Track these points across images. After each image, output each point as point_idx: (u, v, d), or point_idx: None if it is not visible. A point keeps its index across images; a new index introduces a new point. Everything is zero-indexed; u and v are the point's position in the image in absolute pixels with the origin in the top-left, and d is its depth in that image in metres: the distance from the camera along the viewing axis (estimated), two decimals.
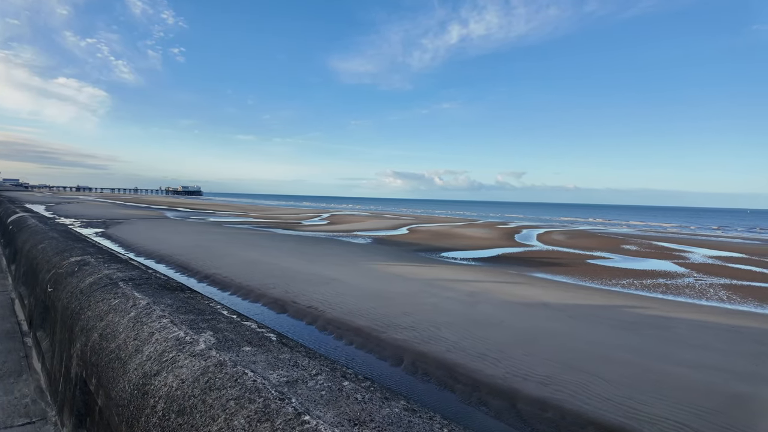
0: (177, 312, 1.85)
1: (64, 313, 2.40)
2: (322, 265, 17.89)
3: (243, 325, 1.76)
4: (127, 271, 2.53)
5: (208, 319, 1.78)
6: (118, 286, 2.24)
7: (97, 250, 3.10)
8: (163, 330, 1.69)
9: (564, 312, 12.07)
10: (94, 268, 2.61)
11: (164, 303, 1.95)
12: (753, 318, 12.61)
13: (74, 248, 3.15)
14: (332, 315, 11.03)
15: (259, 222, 44.98)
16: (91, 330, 2.02)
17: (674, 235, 48.59)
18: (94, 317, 2.07)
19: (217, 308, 1.98)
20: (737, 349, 9.46)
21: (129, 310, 1.95)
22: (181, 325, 1.70)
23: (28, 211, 9.37)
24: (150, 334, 1.70)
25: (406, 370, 7.97)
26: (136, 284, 2.26)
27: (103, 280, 2.38)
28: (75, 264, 2.61)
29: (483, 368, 7.86)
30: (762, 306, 14.54)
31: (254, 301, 12.53)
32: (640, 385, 7.20)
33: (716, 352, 9.15)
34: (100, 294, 2.20)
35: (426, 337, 9.46)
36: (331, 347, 9.09)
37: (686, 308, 13.39)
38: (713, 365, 8.31)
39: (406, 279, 15.90)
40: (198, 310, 1.91)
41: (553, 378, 7.45)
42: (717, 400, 6.78)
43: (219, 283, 14.53)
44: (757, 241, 42.69)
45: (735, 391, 7.12)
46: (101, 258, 2.71)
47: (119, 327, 1.87)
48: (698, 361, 8.52)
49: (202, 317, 1.82)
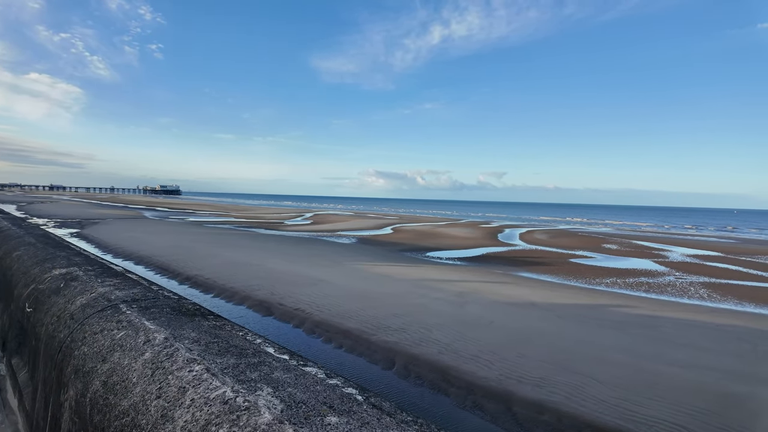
0: (209, 352, 1.43)
1: (50, 344, 1.93)
2: (308, 266, 17.59)
3: (307, 374, 1.33)
4: (127, 288, 2.06)
5: (255, 364, 1.35)
6: (120, 310, 1.77)
7: (85, 260, 2.64)
8: (199, 384, 1.25)
9: (552, 312, 12.07)
10: (84, 284, 2.14)
11: (187, 337, 1.53)
12: (735, 316, 12.82)
13: (57, 257, 2.62)
14: (320, 317, 10.78)
15: (241, 222, 44.25)
16: (90, 375, 1.56)
17: (653, 234, 49.60)
18: (93, 356, 1.62)
19: (257, 343, 1.53)
20: (724, 348, 9.56)
21: (142, 348, 1.50)
22: (224, 376, 1.27)
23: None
24: (181, 390, 1.27)
25: (398, 374, 7.79)
26: (142, 308, 1.78)
27: (99, 302, 1.89)
28: (60, 278, 2.18)
29: (476, 370, 7.73)
30: (741, 304, 14.82)
31: (239, 303, 12.19)
32: (634, 386, 7.17)
33: (704, 351, 9.23)
34: (97, 321, 1.73)
35: (417, 339, 9.30)
36: (320, 351, 8.85)
37: (670, 307, 13.55)
38: (703, 364, 8.36)
39: (394, 279, 15.73)
40: (236, 347, 1.47)
41: (548, 380, 7.36)
42: (710, 400, 6.79)
43: (201, 285, 14.12)
44: (732, 240, 43.88)
45: (727, 391, 7.15)
46: (91, 270, 2.28)
47: (131, 374, 1.43)
48: (688, 360, 8.56)
49: (246, 360, 1.38)
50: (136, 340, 1.56)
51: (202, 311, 1.85)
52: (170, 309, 1.80)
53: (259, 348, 1.48)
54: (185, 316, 1.71)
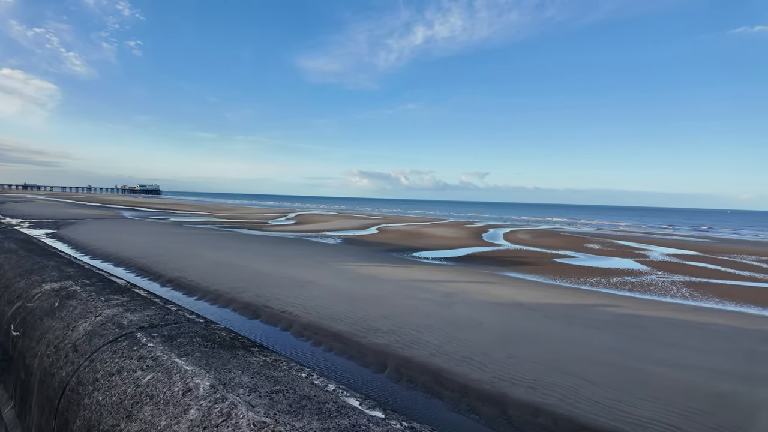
0: (277, 408, 1.03)
1: (47, 383, 1.49)
2: (294, 267, 17.34)
3: None
4: (140, 309, 1.65)
5: (346, 429, 0.98)
6: (138, 340, 1.37)
7: (80, 271, 2.28)
8: None
9: (540, 312, 12.10)
10: (85, 303, 1.73)
11: (240, 383, 1.14)
12: (716, 315, 13.06)
13: (45, 267, 2.25)
14: (308, 320, 10.58)
15: (223, 222, 43.55)
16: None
17: (632, 234, 50.53)
18: (113, 408, 1.21)
19: (332, 391, 1.16)
20: (709, 346, 9.69)
21: (182, 401, 1.10)
22: None
23: None
24: None
25: (390, 378, 7.67)
26: (165, 336, 1.39)
27: (108, 329, 1.48)
28: (53, 295, 1.78)
29: (469, 372, 7.66)
30: (722, 303, 15.12)
31: (223, 306, 11.90)
32: (626, 387, 7.19)
33: (691, 350, 9.34)
34: (110, 356, 1.32)
35: (408, 341, 9.19)
36: (310, 355, 8.66)
37: (655, 306, 13.73)
38: (691, 364, 8.45)
39: (381, 280, 15.60)
40: (309, 399, 1.09)
41: (541, 381, 7.33)
42: (701, 400, 6.84)
43: (184, 287, 13.76)
44: (708, 240, 44.99)
45: (717, 391, 7.22)
46: (90, 285, 1.94)
47: None
48: (676, 360, 8.65)
49: (333, 423, 1.00)
50: (172, 388, 1.16)
51: (241, 341, 1.45)
52: (201, 338, 1.41)
53: (338, 399, 1.11)
54: (223, 348, 1.33)
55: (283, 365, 1.22)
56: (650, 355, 8.89)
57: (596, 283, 18.00)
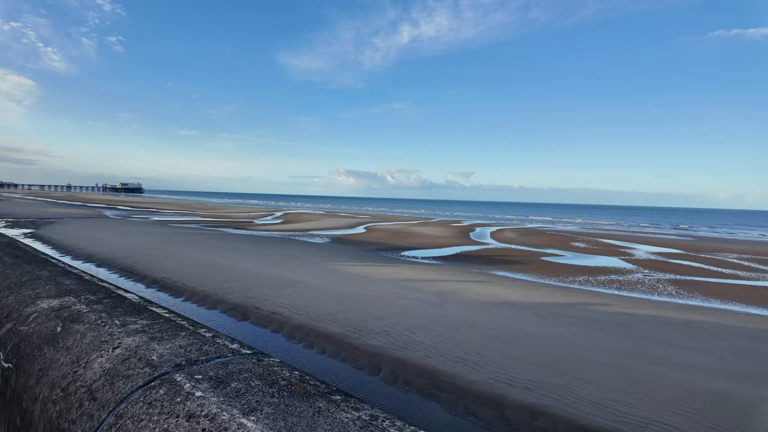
0: None
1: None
2: (283, 267, 17.08)
3: None
4: (168, 336, 1.28)
5: None
6: (180, 387, 1.01)
7: (80, 283, 1.90)
8: None
9: (531, 311, 12.09)
10: (96, 328, 1.36)
11: None
12: (703, 312, 13.21)
13: (38, 279, 1.87)
14: (299, 321, 10.38)
15: (208, 221, 42.90)
16: None
17: (616, 232, 51.25)
18: None
19: None
20: (699, 345, 9.77)
21: None
22: None
23: None
24: None
25: (385, 380, 7.53)
26: (215, 381, 1.02)
27: (135, 367, 1.12)
28: (53, 316, 1.42)
29: (465, 374, 7.56)
30: (708, 300, 15.33)
31: (211, 307, 11.62)
32: (623, 387, 7.17)
33: (682, 348, 9.40)
34: (147, 413, 0.95)
35: (401, 342, 9.06)
36: (302, 357, 8.48)
37: (643, 304, 13.85)
38: (683, 362, 8.49)
39: (372, 280, 15.45)
40: None
41: (537, 382, 7.27)
42: (698, 399, 6.85)
43: (170, 288, 13.42)
44: (690, 238, 45.84)
45: (712, 389, 7.25)
46: (96, 301, 1.56)
47: None
48: (669, 358, 8.68)
49: None
50: None
51: (313, 384, 1.06)
52: (260, 381, 1.04)
53: None
54: (296, 397, 0.96)
55: (387, 424, 0.85)
56: (643, 353, 8.91)
57: (585, 281, 18.12)
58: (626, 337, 10.03)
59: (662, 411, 6.41)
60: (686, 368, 8.18)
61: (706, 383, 7.52)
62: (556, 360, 8.29)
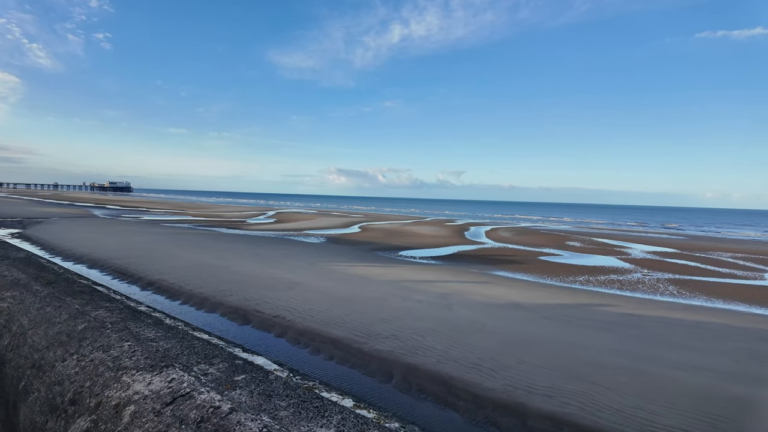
0: None
1: None
2: (280, 268, 16.70)
3: None
4: (288, 405, 0.87)
5: None
6: None
7: (170, 334, 1.40)
8: None
9: (538, 313, 11.87)
10: None
11: None
12: (709, 313, 13.10)
13: (101, 327, 1.36)
14: (303, 325, 10.04)
15: (200, 221, 42.24)
16: None
17: (608, 231, 51.48)
18: None
19: None
20: (711, 347, 9.61)
21: None
22: None
23: None
24: None
25: (398, 387, 7.23)
26: None
27: None
28: (167, 413, 0.93)
29: (481, 381, 7.29)
30: (711, 300, 15.26)
31: (210, 311, 11.24)
32: (644, 393, 6.94)
33: (695, 351, 9.22)
34: None
35: (411, 347, 8.77)
36: (310, 364, 8.14)
37: (648, 305, 13.71)
38: (699, 366, 8.30)
39: (373, 281, 15.14)
40: None
41: (557, 389, 7.02)
42: (721, 405, 6.64)
43: (166, 290, 13.00)
44: (682, 237, 46.15)
45: (734, 394, 7.05)
46: (216, 377, 1.11)
47: None
48: (683, 362, 8.49)
49: None
50: None
51: None
52: None
53: None
54: None
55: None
56: (657, 357, 8.72)
57: (586, 281, 17.99)
58: (637, 340, 9.84)
59: (688, 419, 6.18)
60: (703, 372, 7.99)
61: (727, 388, 7.33)
62: (572, 364, 8.06)
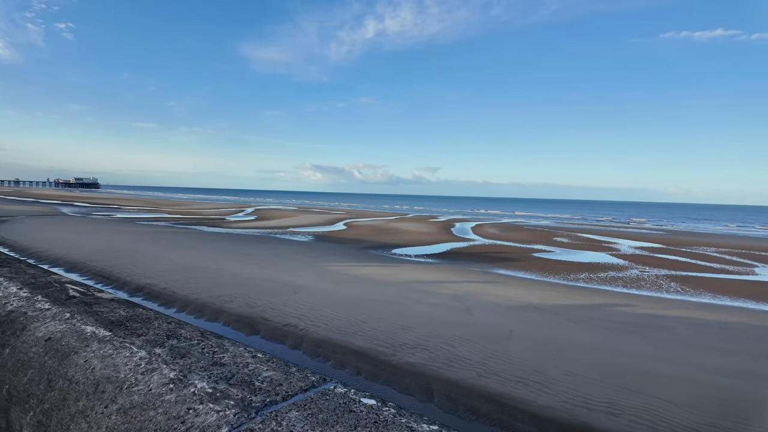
0: None
1: None
2: (277, 269, 15.71)
3: None
4: None
5: None
6: None
7: None
8: None
9: (559, 315, 11.34)
10: None
11: None
12: (725, 312, 12.87)
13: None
14: (319, 334, 9.18)
15: (178, 218, 40.42)
16: None
17: (587, 226, 52.05)
18: None
19: None
20: (749, 350, 9.24)
21: None
22: None
23: None
24: None
25: (442, 407, 6.49)
26: None
27: None
28: None
29: (533, 397, 6.63)
30: (718, 297, 15.09)
31: (212, 319, 10.24)
32: (714, 409, 6.42)
33: (734, 354, 8.83)
34: None
35: (444, 358, 8.04)
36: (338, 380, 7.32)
37: (662, 304, 13.39)
38: (748, 372, 7.89)
39: (377, 282, 14.35)
40: None
41: (618, 405, 6.42)
42: None
43: (158, 296, 11.88)
44: (661, 232, 47.01)
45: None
46: None
47: None
48: (730, 368, 8.06)
49: None
50: None
51: None
52: None
53: None
54: None
55: None
56: (700, 363, 8.26)
57: (588, 279, 17.66)
58: (670, 343, 9.39)
59: None
60: (758, 380, 7.56)
61: None
62: (620, 374, 7.50)
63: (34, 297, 1.99)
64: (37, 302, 1.92)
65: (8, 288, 2.15)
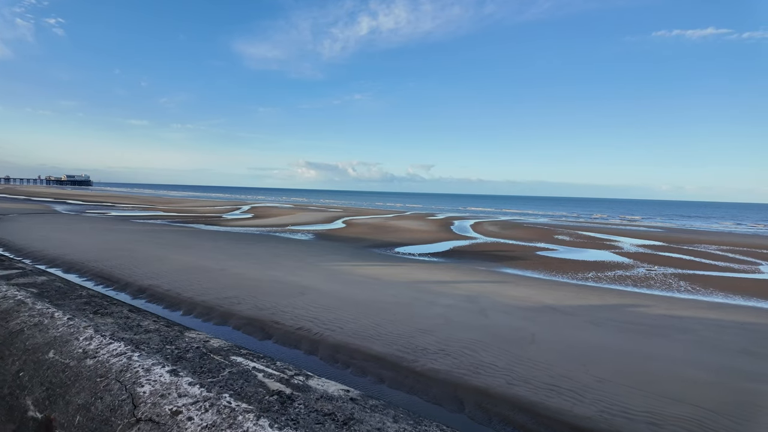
0: None
1: None
2: (280, 270, 15.29)
3: None
4: None
5: None
6: None
7: None
8: None
9: (578, 317, 11.04)
10: None
11: None
12: (743, 312, 12.63)
13: None
14: (335, 339, 8.80)
15: (173, 216, 39.80)
16: None
17: (585, 224, 51.97)
18: None
19: None
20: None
21: None
22: None
23: None
24: None
25: (476, 419, 6.14)
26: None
27: None
28: None
29: (569, 407, 6.30)
30: (730, 297, 14.89)
31: (221, 323, 9.82)
32: (757, 417, 6.13)
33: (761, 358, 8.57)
34: None
35: (469, 364, 7.70)
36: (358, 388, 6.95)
37: (676, 304, 13.14)
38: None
39: (385, 283, 13.98)
40: None
41: (658, 414, 6.11)
42: None
43: (162, 298, 11.44)
44: (659, 230, 47.04)
45: None
46: None
47: None
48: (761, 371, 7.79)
49: None
50: None
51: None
52: None
53: None
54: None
55: None
56: (734, 367, 7.98)
57: (597, 278, 17.42)
58: (697, 347, 9.12)
59: None
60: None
61: None
62: (654, 381, 7.20)
63: None
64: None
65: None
